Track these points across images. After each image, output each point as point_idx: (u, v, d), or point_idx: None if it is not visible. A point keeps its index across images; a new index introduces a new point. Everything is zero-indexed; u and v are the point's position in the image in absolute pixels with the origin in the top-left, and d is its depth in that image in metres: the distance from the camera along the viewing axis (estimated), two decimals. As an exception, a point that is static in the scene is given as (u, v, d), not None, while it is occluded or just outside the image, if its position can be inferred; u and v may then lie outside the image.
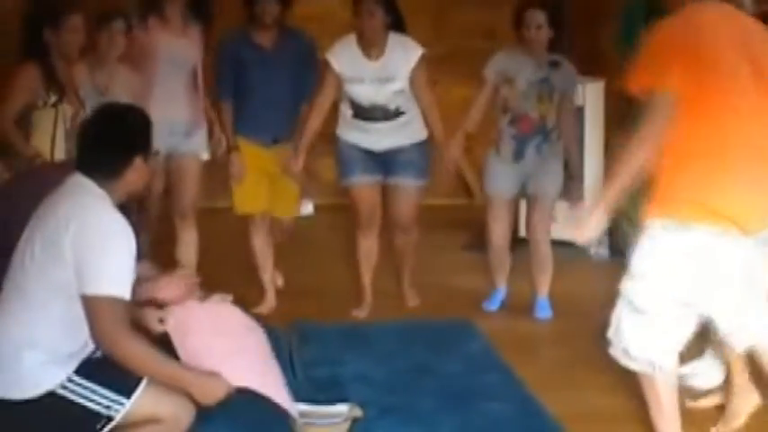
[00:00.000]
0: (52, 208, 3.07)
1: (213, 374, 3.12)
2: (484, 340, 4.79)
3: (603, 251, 6.31)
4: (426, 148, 5.18)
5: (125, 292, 2.99)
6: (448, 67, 7.24)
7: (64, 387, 2.99)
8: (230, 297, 3.46)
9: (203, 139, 5.22)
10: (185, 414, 3.09)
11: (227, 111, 5.12)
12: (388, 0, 5.06)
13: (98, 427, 3.01)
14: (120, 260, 3.00)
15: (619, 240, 5.59)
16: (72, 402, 2.99)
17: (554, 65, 5.12)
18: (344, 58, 5.05)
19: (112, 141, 3.15)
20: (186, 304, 3.32)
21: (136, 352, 3.00)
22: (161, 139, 4.12)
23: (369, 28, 4.99)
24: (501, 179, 5.17)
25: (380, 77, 5.04)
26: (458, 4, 7.70)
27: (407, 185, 5.15)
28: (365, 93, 5.07)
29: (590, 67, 6.29)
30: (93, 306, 2.96)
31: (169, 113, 4.86)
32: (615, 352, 3.45)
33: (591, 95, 6.37)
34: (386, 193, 5.23)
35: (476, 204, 5.45)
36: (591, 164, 6.59)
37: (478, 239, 5.68)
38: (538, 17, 5.04)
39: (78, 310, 2.98)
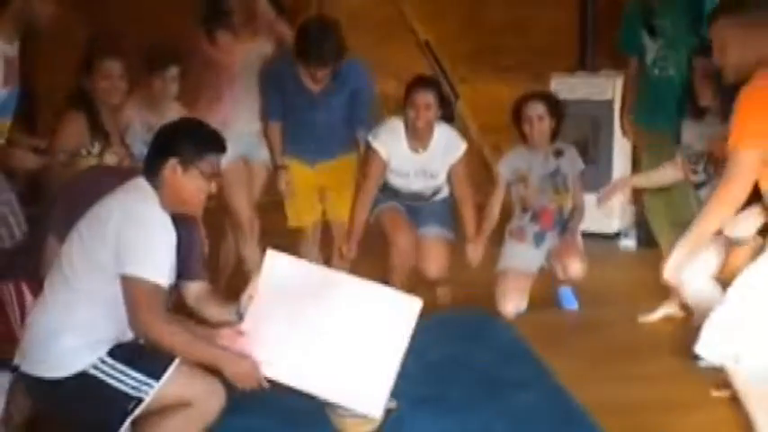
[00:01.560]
0: (104, 201, 3.21)
1: (248, 357, 3.21)
2: (513, 332, 4.86)
3: (631, 242, 6.37)
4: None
5: (162, 280, 3.10)
6: (477, 64, 7.32)
7: (96, 368, 3.09)
8: None
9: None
10: (215, 399, 3.14)
11: (275, 131, 5.04)
12: (441, 92, 5.03)
13: (129, 408, 3.08)
14: (160, 249, 3.12)
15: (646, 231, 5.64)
16: (103, 383, 3.08)
17: (559, 153, 5.18)
18: (391, 149, 5.01)
19: (158, 140, 3.30)
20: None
21: (171, 334, 3.10)
22: (237, 147, 4.16)
23: (423, 122, 4.93)
24: (520, 258, 5.19)
25: (425, 172, 5.06)
26: (488, 2, 7.72)
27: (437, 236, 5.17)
28: (405, 183, 5.11)
29: (618, 61, 6.33)
30: (130, 287, 3.07)
31: (241, 123, 4.95)
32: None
33: (619, 88, 6.40)
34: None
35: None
36: (619, 154, 6.67)
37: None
38: (538, 108, 5.08)
39: (119, 296, 3.08)
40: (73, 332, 3.11)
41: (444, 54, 7.54)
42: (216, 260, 5.10)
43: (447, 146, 5.06)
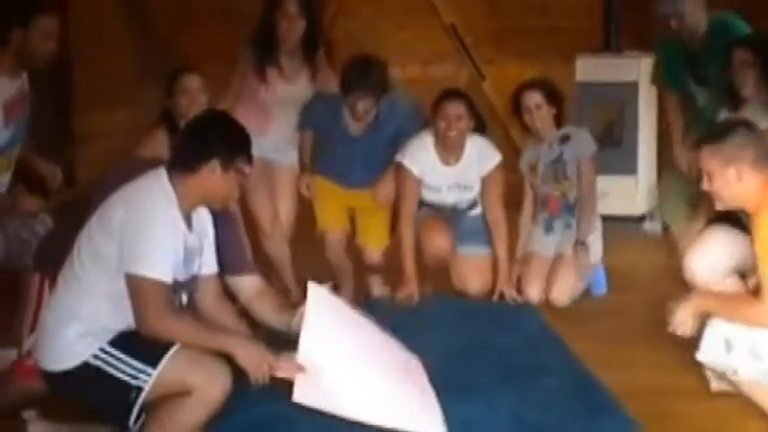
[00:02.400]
0: (117, 192, 3.23)
1: (258, 344, 3.22)
2: (540, 316, 4.87)
3: (656, 226, 6.35)
4: None
5: (163, 276, 3.11)
6: (502, 45, 7.30)
7: (96, 357, 3.12)
8: None
9: None
10: (218, 385, 3.10)
11: (307, 140, 4.99)
12: (471, 103, 4.96)
13: (131, 398, 3.09)
14: (161, 246, 3.12)
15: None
16: (103, 373, 3.10)
17: (565, 139, 5.11)
18: (422, 164, 4.94)
19: (196, 136, 3.30)
20: None
21: (177, 327, 3.12)
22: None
23: (454, 132, 4.86)
24: (539, 243, 5.21)
25: (459, 185, 5.00)
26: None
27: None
28: (438, 198, 5.06)
29: (642, 42, 6.32)
30: (133, 286, 3.09)
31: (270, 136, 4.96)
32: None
33: (644, 69, 6.38)
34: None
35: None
36: (645, 136, 6.65)
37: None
38: (534, 98, 5.04)
39: (123, 291, 3.10)
40: (76, 324, 3.14)
41: (469, 35, 7.51)
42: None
43: (480, 156, 5.00)
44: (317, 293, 3.39)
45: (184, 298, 3.34)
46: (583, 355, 4.27)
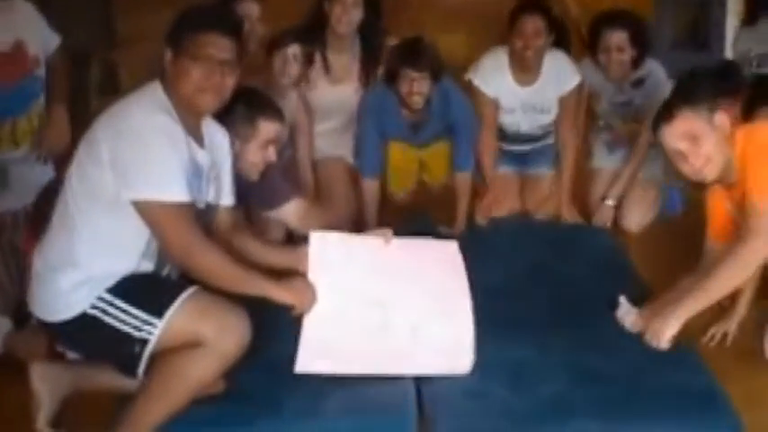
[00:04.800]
0: (105, 110, 2.86)
1: (297, 277, 2.94)
2: (611, 242, 4.44)
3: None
4: None
5: (181, 195, 2.74)
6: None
7: (95, 307, 2.76)
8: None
9: None
10: (231, 336, 2.77)
11: (372, 192, 4.43)
12: (552, 15, 4.42)
13: (135, 350, 2.75)
14: (167, 160, 2.75)
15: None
16: (105, 324, 2.75)
17: (638, 84, 4.54)
18: (494, 83, 4.47)
19: None
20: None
21: (211, 260, 2.77)
22: None
23: (531, 50, 4.35)
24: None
25: (534, 107, 4.53)
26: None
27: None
28: (512, 122, 4.59)
29: None
30: (148, 215, 2.73)
31: None
32: None
33: None
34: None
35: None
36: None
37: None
38: (617, 37, 4.40)
39: (125, 227, 2.75)
40: (72, 270, 2.77)
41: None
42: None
43: (558, 76, 4.50)
44: (319, 242, 3.10)
45: None
46: (655, 286, 3.75)
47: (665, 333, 3.19)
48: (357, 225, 4.26)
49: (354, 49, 4.55)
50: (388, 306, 3.06)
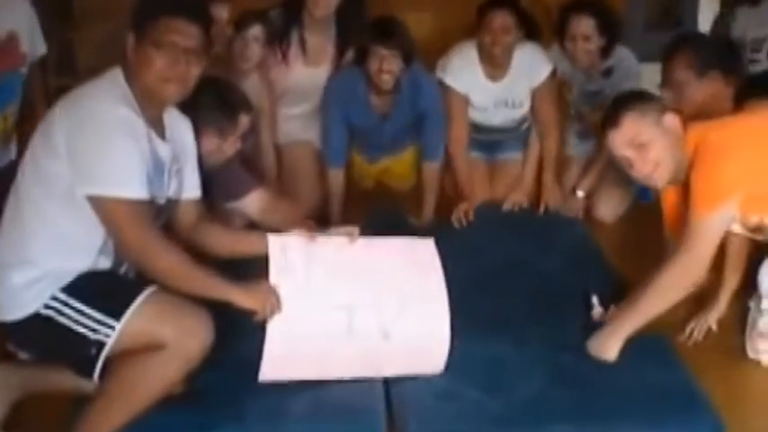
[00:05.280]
0: (62, 97, 2.70)
1: (259, 283, 2.81)
2: (584, 233, 4.34)
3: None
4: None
5: (138, 191, 2.61)
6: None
7: (48, 307, 2.61)
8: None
9: None
10: (194, 338, 2.63)
11: (338, 181, 4.29)
12: (521, 10, 4.29)
13: (91, 353, 2.60)
14: (125, 155, 2.60)
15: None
16: (59, 325, 2.60)
17: (608, 73, 4.42)
18: (465, 80, 4.34)
19: None
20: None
21: (168, 261, 2.64)
22: None
23: (500, 47, 4.23)
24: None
25: (506, 102, 4.41)
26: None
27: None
28: (485, 118, 4.47)
29: None
30: (104, 210, 2.59)
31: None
32: None
33: None
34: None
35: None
36: (706, 16, 5.83)
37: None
38: (584, 25, 4.28)
39: (81, 222, 2.61)
40: (24, 267, 2.62)
41: None
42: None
43: (530, 69, 4.38)
44: (278, 246, 2.98)
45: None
46: (628, 275, 3.69)
47: (607, 355, 3.11)
48: (322, 215, 4.14)
49: (330, 32, 4.42)
50: (354, 308, 2.93)
